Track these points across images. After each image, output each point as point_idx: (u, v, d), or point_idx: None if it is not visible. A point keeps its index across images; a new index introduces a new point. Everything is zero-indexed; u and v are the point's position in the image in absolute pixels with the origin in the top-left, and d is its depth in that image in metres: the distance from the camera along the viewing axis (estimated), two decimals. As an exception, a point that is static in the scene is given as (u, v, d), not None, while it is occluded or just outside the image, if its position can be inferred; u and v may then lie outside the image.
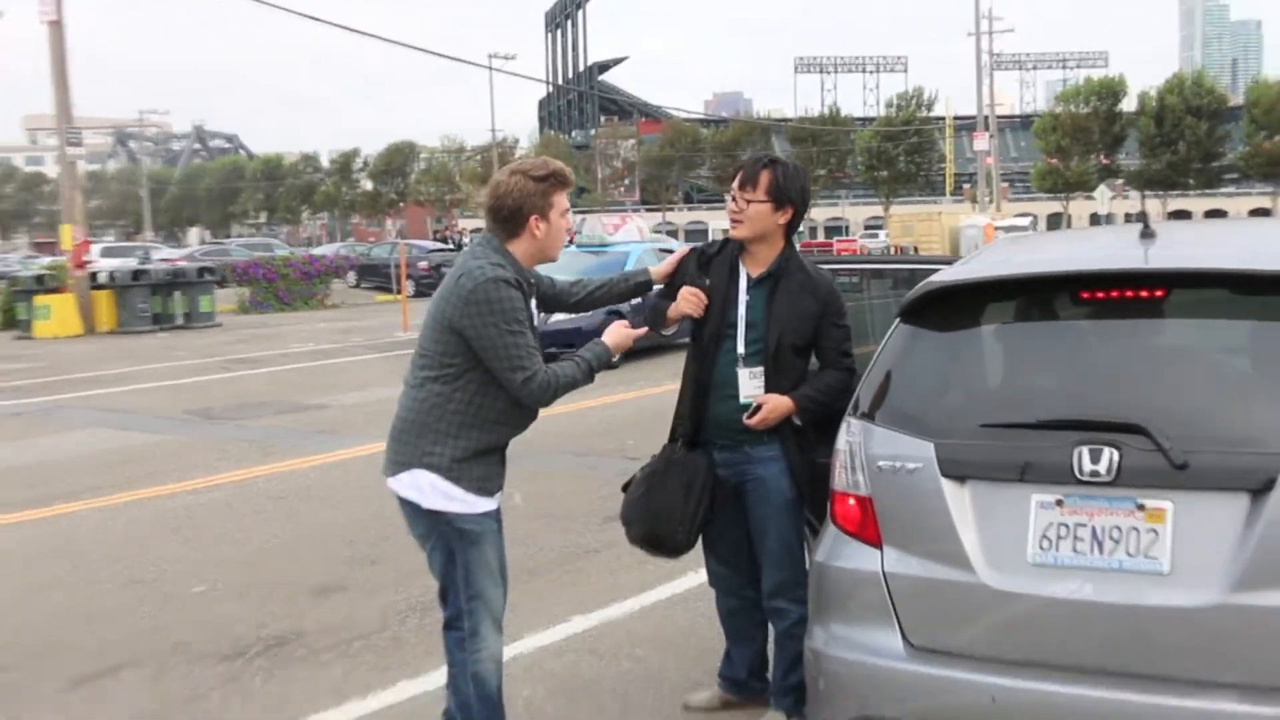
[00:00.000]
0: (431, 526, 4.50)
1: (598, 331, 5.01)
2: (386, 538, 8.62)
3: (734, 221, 4.86)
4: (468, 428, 4.42)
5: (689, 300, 4.88)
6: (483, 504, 4.50)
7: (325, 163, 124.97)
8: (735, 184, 4.85)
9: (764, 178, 4.81)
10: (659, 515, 4.83)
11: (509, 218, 4.51)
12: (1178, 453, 3.48)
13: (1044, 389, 3.87)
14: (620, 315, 16.77)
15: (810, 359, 4.89)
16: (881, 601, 3.89)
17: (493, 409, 4.45)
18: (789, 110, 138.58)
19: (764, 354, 4.77)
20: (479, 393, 4.42)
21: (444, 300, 4.43)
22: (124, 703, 5.77)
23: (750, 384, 4.78)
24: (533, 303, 4.55)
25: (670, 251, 18.83)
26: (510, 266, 4.43)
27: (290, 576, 7.82)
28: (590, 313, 15.45)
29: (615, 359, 4.83)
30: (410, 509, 4.54)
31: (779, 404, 4.74)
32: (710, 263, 4.99)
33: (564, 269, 17.94)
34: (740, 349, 4.80)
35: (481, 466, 4.48)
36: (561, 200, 4.57)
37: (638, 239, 22.49)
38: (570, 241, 21.83)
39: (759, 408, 4.75)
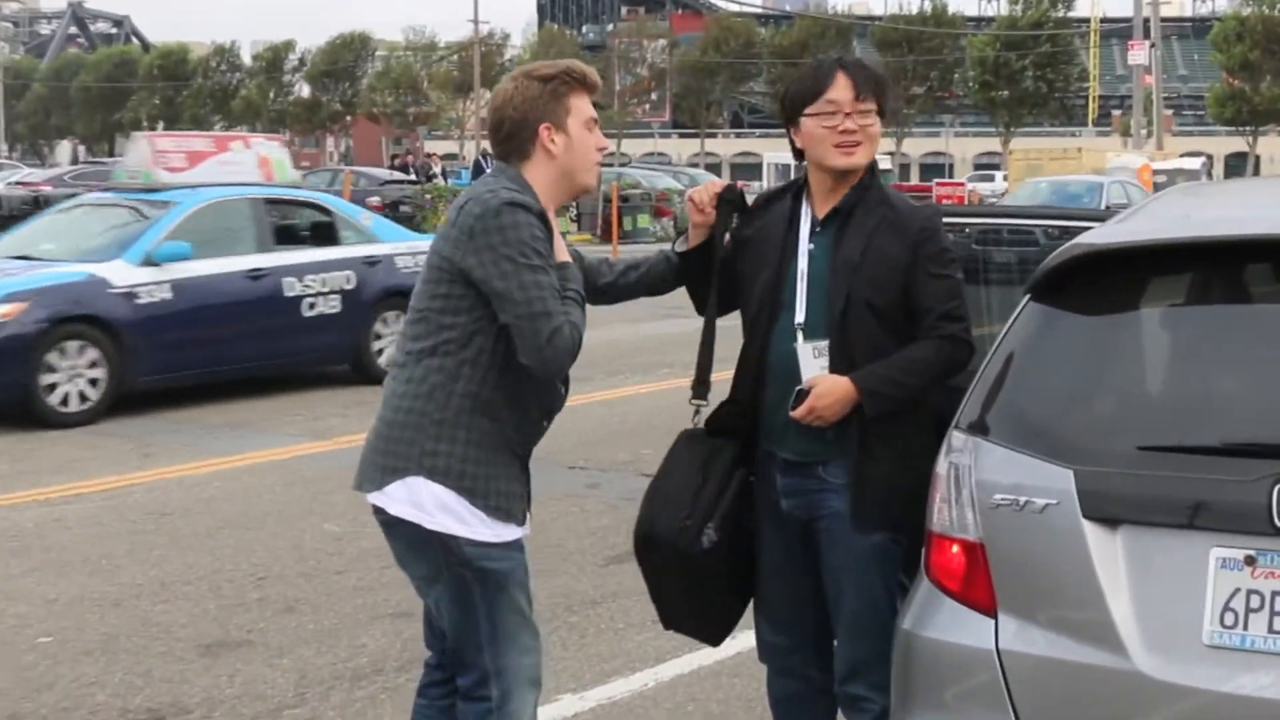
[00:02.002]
0: (439, 563, 4.46)
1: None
2: (309, 575, 8.57)
3: (849, 146, 4.72)
4: (479, 416, 4.41)
5: (690, 203, 4.92)
6: (507, 530, 4.48)
7: (247, 59, 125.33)
8: (847, 93, 4.70)
9: (874, 84, 4.77)
10: (661, 500, 4.76)
11: (513, 133, 4.56)
12: None
13: (1230, 399, 3.84)
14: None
15: (909, 331, 4.74)
16: (994, 690, 3.85)
17: (515, 388, 4.44)
18: (876, 4, 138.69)
19: (829, 319, 4.66)
20: (494, 365, 4.41)
21: (442, 238, 4.48)
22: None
23: (815, 364, 4.67)
24: (561, 248, 4.54)
25: (291, 204, 16.61)
26: (530, 195, 4.46)
27: (174, 625, 7.77)
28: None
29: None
30: (406, 537, 4.49)
31: (833, 387, 4.57)
32: (762, 207, 4.94)
33: (73, 230, 15.60)
34: (799, 316, 4.71)
35: (502, 478, 4.47)
36: (583, 106, 4.60)
37: (235, 181, 16.33)
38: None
39: (805, 394, 4.61)
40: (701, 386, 4.90)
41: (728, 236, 4.92)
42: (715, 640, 5.15)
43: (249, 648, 7.39)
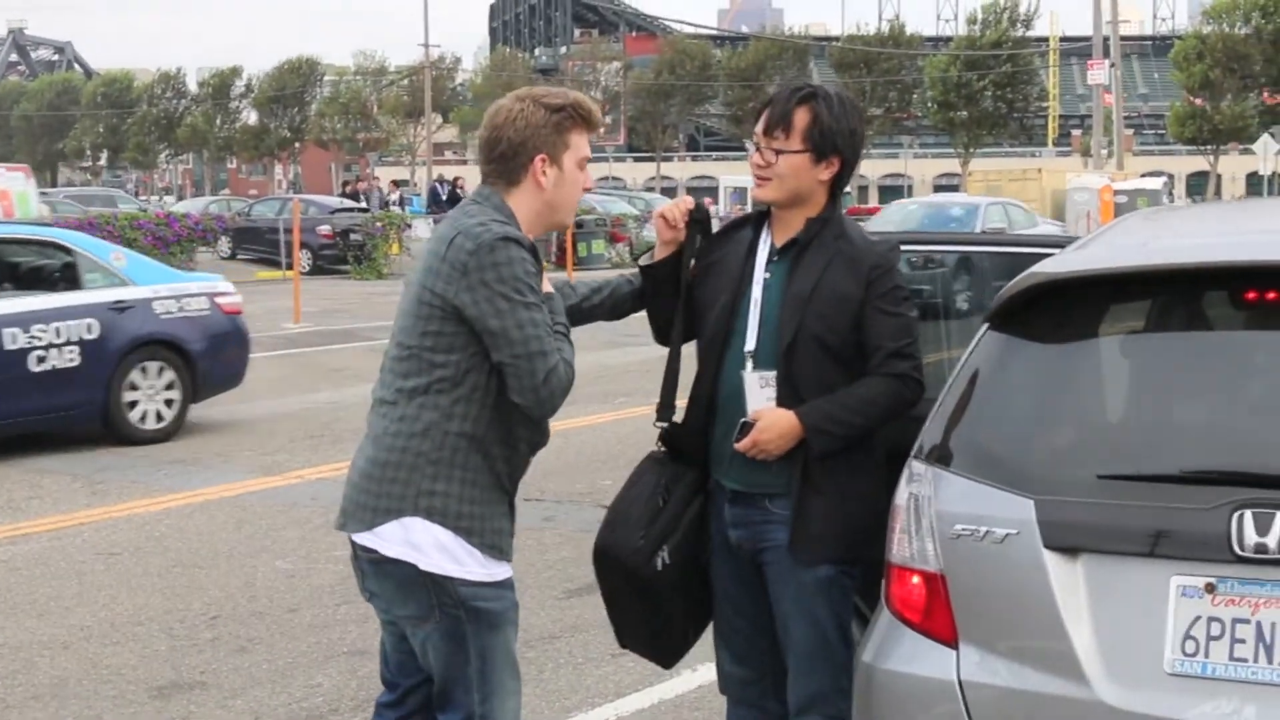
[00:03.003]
0: (430, 603, 4.45)
1: None
2: (262, 614, 8.55)
3: (759, 180, 4.82)
4: (474, 454, 4.42)
5: (661, 219, 4.91)
6: (499, 569, 4.50)
7: (193, 85, 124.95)
8: (760, 127, 4.80)
9: (801, 117, 4.74)
10: (622, 518, 4.80)
11: (507, 155, 4.54)
12: (1381, 521, 3.48)
13: (1190, 427, 3.88)
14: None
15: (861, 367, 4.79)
16: (956, 722, 3.87)
17: (506, 424, 4.45)
18: (834, 25, 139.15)
19: (777, 351, 4.71)
20: (487, 402, 4.41)
21: (430, 273, 4.41)
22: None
23: (761, 394, 4.71)
24: (545, 280, 4.54)
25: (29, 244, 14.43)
26: (516, 226, 4.45)
27: (125, 667, 7.74)
28: None
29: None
30: (397, 577, 4.47)
31: (776, 420, 4.61)
32: (726, 234, 4.97)
33: None
34: (749, 344, 4.75)
35: (495, 516, 4.49)
36: (581, 144, 4.62)
37: None
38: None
39: (750, 426, 4.65)
40: (666, 410, 4.93)
41: (693, 261, 4.96)
42: (667, 663, 5.17)
43: (202, 689, 7.37)
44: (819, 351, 4.67)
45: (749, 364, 4.73)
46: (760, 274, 4.81)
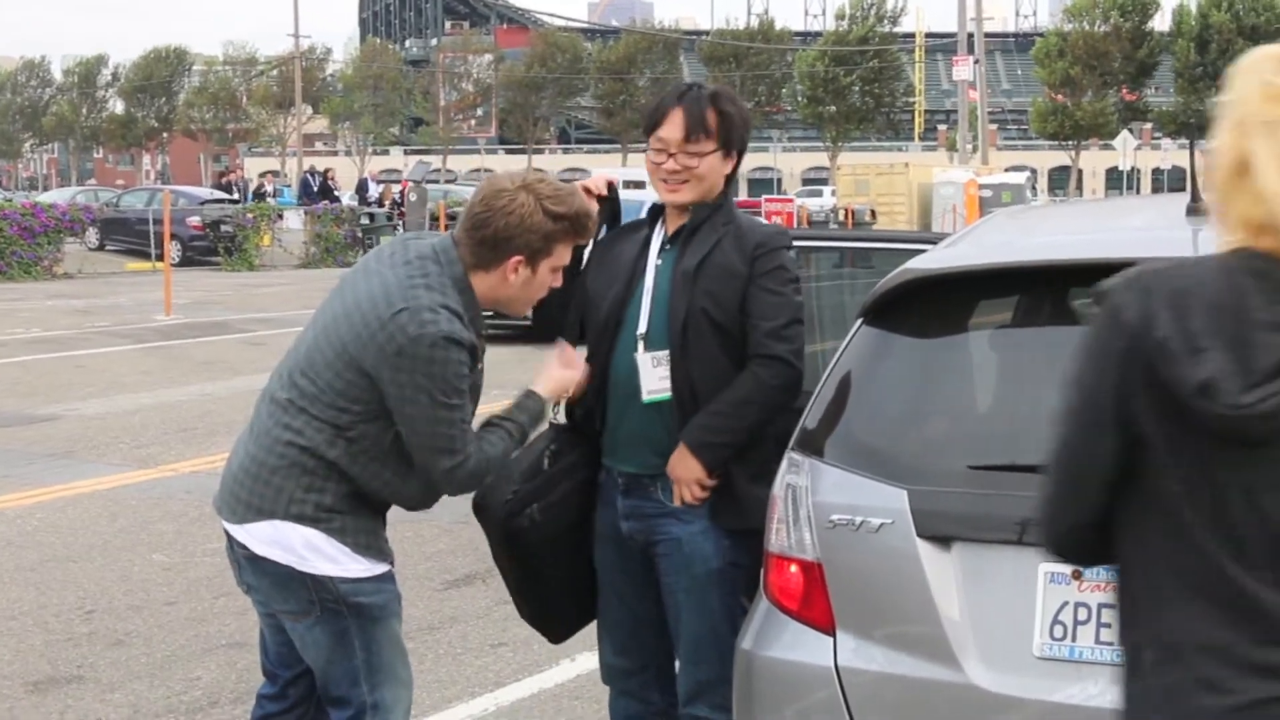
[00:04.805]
0: (309, 599, 4.44)
1: None
2: (139, 607, 8.48)
3: (674, 185, 4.81)
4: (348, 479, 4.42)
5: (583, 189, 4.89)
6: (377, 565, 4.50)
7: (57, 74, 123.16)
8: (676, 133, 4.77)
9: (712, 118, 4.79)
10: (503, 476, 4.79)
11: (488, 243, 4.45)
12: (1238, 507, 3.54)
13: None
14: None
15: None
16: (833, 706, 3.92)
17: (388, 470, 4.45)
18: (703, 20, 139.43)
19: (670, 330, 4.75)
20: (374, 456, 4.41)
21: (366, 328, 4.33)
22: None
23: (654, 373, 4.73)
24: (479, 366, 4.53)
25: None
26: (466, 314, 4.39)
27: None
28: None
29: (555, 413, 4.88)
30: (273, 574, 4.46)
31: (675, 461, 4.69)
32: (623, 232, 5.03)
33: None
34: (641, 326, 4.78)
35: (367, 518, 4.50)
36: (564, 253, 4.56)
37: None
38: None
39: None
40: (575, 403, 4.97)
41: (585, 255, 4.99)
42: (555, 638, 5.20)
43: (79, 684, 7.30)
44: (709, 328, 4.69)
45: (640, 346, 4.76)
46: (653, 262, 4.84)
